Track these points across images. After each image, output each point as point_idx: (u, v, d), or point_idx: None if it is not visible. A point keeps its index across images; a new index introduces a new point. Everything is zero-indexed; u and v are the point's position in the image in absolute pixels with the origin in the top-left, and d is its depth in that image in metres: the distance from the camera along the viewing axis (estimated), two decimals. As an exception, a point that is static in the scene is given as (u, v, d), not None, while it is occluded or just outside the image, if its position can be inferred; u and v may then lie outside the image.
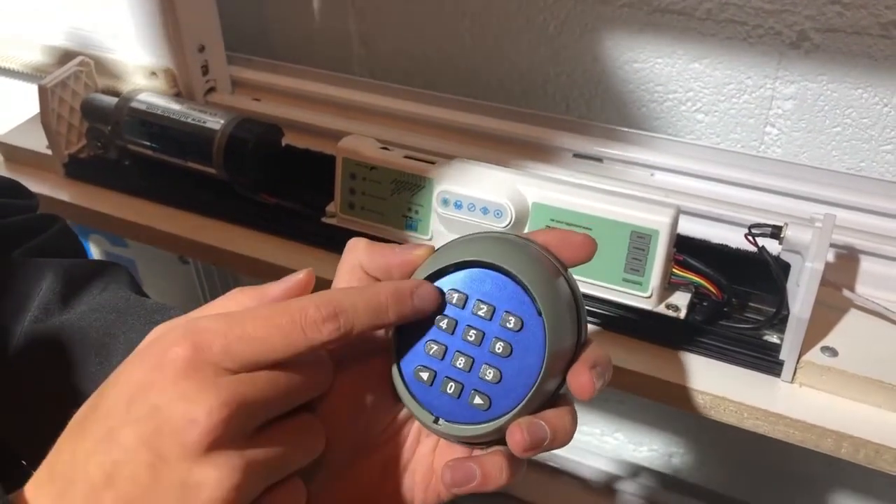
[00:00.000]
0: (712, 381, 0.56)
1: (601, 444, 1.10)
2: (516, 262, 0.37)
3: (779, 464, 0.98)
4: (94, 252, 1.04)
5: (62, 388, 0.46)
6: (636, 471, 1.10)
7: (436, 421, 0.37)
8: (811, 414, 0.54)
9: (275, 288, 0.36)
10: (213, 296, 1.03)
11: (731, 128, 0.77)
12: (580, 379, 0.36)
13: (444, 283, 0.38)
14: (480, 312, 0.37)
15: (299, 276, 0.36)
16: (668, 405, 0.58)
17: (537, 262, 0.37)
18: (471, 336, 0.37)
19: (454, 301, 0.37)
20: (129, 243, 1.02)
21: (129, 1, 0.77)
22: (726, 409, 0.55)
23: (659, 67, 0.76)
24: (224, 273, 1.02)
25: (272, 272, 0.68)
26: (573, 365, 0.37)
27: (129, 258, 1.04)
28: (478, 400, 0.37)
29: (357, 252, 0.39)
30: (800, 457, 0.56)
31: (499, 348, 0.37)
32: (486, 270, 0.37)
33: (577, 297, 0.38)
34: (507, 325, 0.37)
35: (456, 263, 0.37)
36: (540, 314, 0.36)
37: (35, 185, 0.78)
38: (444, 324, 0.37)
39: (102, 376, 0.45)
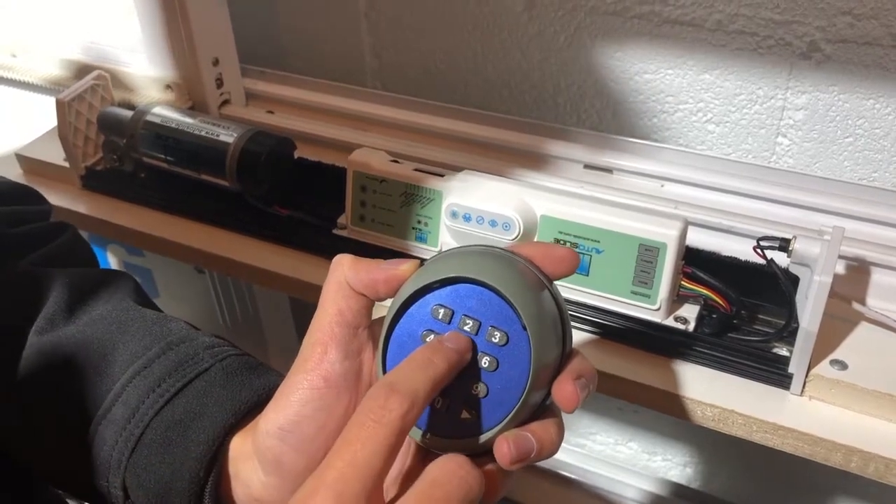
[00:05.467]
0: (721, 393, 0.56)
1: (615, 453, 1.10)
2: (500, 278, 0.37)
3: (794, 474, 0.97)
4: (111, 261, 1.06)
5: (63, 400, 0.47)
6: (650, 480, 1.09)
7: (425, 435, 0.38)
8: (820, 427, 0.54)
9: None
10: (228, 304, 1.05)
11: (742, 138, 0.77)
12: (565, 390, 0.37)
13: (431, 298, 0.38)
14: (466, 327, 0.37)
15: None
16: (676, 417, 0.58)
17: (521, 277, 0.38)
18: None
19: (440, 316, 0.38)
20: (145, 253, 1.03)
21: (144, 15, 0.78)
22: (735, 423, 0.55)
23: (669, 78, 0.76)
24: (239, 282, 1.03)
25: (284, 283, 0.69)
26: (558, 377, 0.37)
27: (146, 268, 1.05)
28: (465, 414, 0.37)
29: (343, 268, 0.40)
30: (815, 467, 0.55)
31: (485, 363, 0.37)
32: (472, 286, 0.38)
33: (561, 310, 0.39)
34: (493, 339, 0.37)
35: (441, 280, 0.38)
36: (525, 329, 0.36)
37: (53, 197, 0.79)
38: (430, 339, 0.38)
39: (101, 387, 0.46)
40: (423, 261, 0.41)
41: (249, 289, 1.04)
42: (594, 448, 1.11)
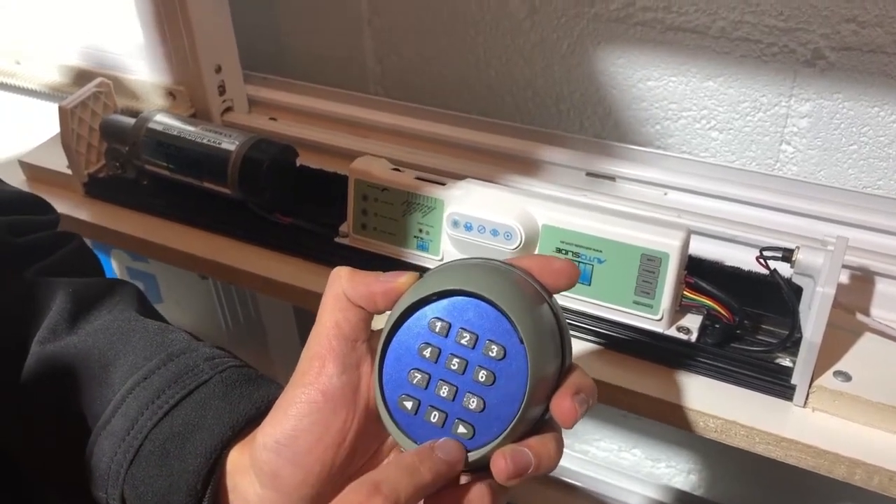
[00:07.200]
0: (723, 404, 0.56)
1: (619, 459, 1.10)
2: (498, 291, 0.37)
3: (799, 481, 0.96)
4: (115, 267, 1.06)
5: (64, 410, 0.47)
6: (654, 487, 1.09)
7: None
8: (823, 439, 0.53)
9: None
10: (231, 310, 1.05)
11: (746, 146, 0.76)
12: (562, 406, 0.37)
13: (428, 311, 0.38)
14: (463, 341, 0.37)
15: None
16: (678, 428, 0.58)
17: (519, 290, 0.37)
18: (454, 365, 0.37)
19: (437, 329, 0.37)
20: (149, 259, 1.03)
21: (147, 22, 0.78)
22: (737, 434, 0.55)
23: (673, 85, 0.76)
24: (242, 289, 1.03)
25: (285, 291, 0.69)
26: (556, 391, 0.37)
27: (150, 273, 1.05)
28: (462, 429, 0.37)
29: (340, 281, 0.40)
30: (819, 475, 0.55)
31: (482, 377, 0.37)
32: (469, 298, 0.37)
33: (560, 323, 0.38)
34: (490, 353, 0.37)
35: (438, 292, 0.38)
36: (522, 343, 0.36)
37: (56, 204, 0.78)
38: (427, 352, 0.38)
39: (101, 398, 0.46)
40: (422, 272, 0.40)
41: (252, 294, 1.04)
42: (598, 454, 1.11)
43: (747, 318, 0.60)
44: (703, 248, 0.65)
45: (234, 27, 0.82)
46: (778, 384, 0.56)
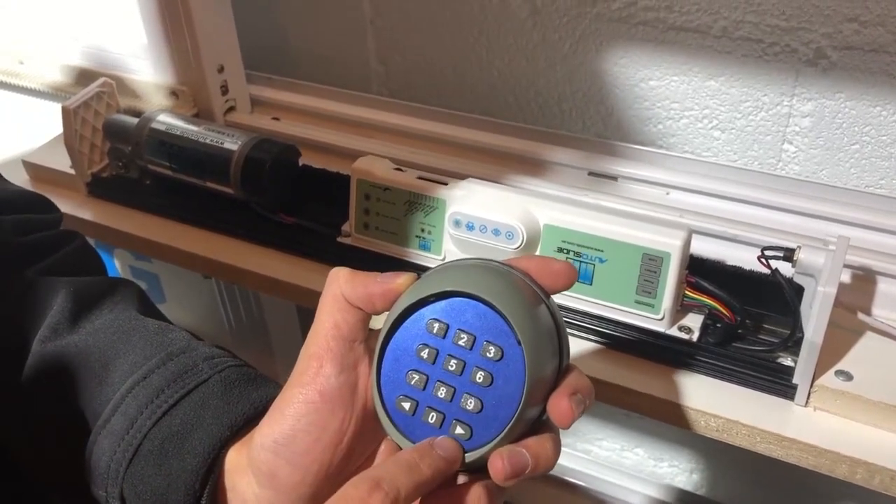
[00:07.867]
0: (724, 404, 0.56)
1: (621, 459, 1.10)
2: (496, 292, 0.37)
3: (801, 481, 0.96)
4: (118, 266, 1.06)
5: (65, 409, 0.47)
6: (656, 487, 1.09)
7: None
8: (825, 439, 0.53)
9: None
10: (234, 309, 1.05)
11: (748, 145, 0.76)
12: (560, 406, 0.37)
13: (426, 312, 0.38)
14: (461, 342, 0.37)
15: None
16: (680, 427, 0.58)
17: (517, 291, 0.37)
18: (452, 366, 0.37)
19: (435, 331, 0.38)
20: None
21: (149, 22, 0.79)
22: (738, 433, 0.55)
23: (675, 85, 0.76)
24: (245, 288, 1.03)
25: (288, 291, 0.69)
26: (554, 392, 0.37)
27: (153, 273, 1.06)
28: (459, 430, 0.37)
29: (339, 282, 0.40)
30: (822, 475, 0.55)
31: (479, 378, 0.37)
32: (467, 300, 0.37)
33: (558, 325, 0.39)
34: (488, 354, 0.37)
35: (436, 294, 0.38)
36: (519, 344, 0.36)
37: (59, 204, 0.78)
38: (425, 353, 0.38)
39: (101, 397, 0.46)
40: (420, 273, 0.41)
41: (255, 293, 1.04)
42: (600, 454, 1.11)
43: (749, 317, 0.60)
44: (704, 248, 0.65)
45: (237, 27, 0.82)
46: (779, 383, 0.56)
